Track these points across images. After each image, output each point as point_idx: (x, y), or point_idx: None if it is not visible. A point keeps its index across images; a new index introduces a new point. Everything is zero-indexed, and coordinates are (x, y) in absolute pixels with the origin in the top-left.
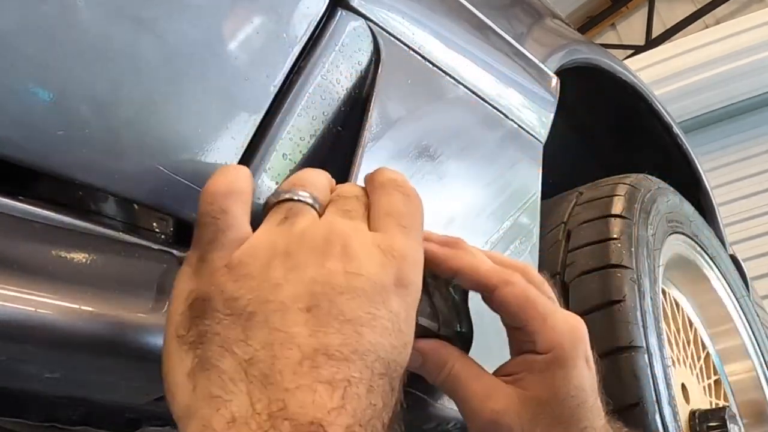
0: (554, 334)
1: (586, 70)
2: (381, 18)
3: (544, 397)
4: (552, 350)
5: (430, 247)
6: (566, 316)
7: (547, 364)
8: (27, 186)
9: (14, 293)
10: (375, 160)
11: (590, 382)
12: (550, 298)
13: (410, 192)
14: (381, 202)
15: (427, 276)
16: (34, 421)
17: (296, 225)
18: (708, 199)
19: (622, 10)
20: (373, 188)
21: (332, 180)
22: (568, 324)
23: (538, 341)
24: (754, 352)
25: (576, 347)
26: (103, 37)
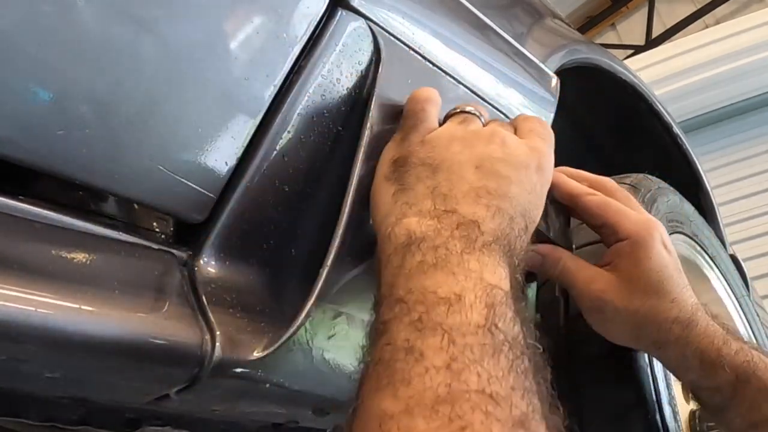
0: (631, 223)
1: (586, 70)
2: (381, 18)
3: (633, 273)
4: (632, 235)
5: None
6: (640, 213)
7: (631, 246)
8: (27, 186)
9: (14, 293)
10: (375, 160)
11: (671, 261)
12: (629, 199)
13: (543, 122)
14: (525, 124)
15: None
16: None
17: (470, 126)
18: (708, 199)
19: (622, 10)
20: (518, 120)
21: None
22: (642, 216)
23: (620, 230)
24: None
25: (651, 232)
26: (104, 37)
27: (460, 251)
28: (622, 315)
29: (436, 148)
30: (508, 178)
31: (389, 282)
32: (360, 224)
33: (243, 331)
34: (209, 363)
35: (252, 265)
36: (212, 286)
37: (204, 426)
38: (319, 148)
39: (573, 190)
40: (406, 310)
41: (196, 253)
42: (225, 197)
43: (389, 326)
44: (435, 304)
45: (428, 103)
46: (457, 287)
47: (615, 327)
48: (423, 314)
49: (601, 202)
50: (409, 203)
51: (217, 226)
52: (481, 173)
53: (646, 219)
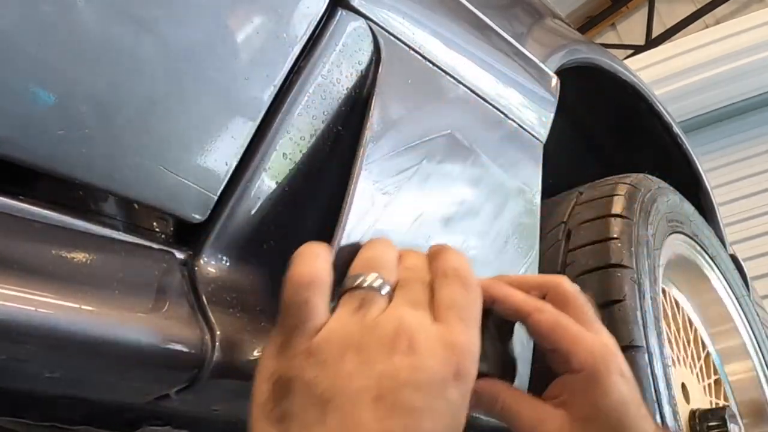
0: (586, 354)
1: (586, 70)
2: (381, 18)
3: (589, 414)
4: (586, 368)
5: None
6: (596, 336)
7: (585, 381)
8: (27, 186)
9: (14, 293)
10: (376, 160)
11: (629, 393)
12: (584, 313)
13: (470, 282)
14: (443, 294)
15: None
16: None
17: (368, 315)
18: (708, 199)
19: (622, 10)
20: (436, 274)
21: (396, 249)
22: (598, 341)
23: (572, 361)
24: (754, 352)
25: (608, 363)
26: (104, 37)
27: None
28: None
29: (326, 366)
30: (419, 411)
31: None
32: (360, 224)
33: (243, 331)
34: (209, 363)
35: (252, 265)
36: (212, 286)
37: (204, 426)
38: (319, 148)
39: (519, 306)
40: None
41: (196, 253)
42: (225, 197)
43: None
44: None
45: (312, 291)
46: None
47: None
48: None
49: (553, 323)
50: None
51: (217, 226)
52: (382, 409)
53: (602, 345)
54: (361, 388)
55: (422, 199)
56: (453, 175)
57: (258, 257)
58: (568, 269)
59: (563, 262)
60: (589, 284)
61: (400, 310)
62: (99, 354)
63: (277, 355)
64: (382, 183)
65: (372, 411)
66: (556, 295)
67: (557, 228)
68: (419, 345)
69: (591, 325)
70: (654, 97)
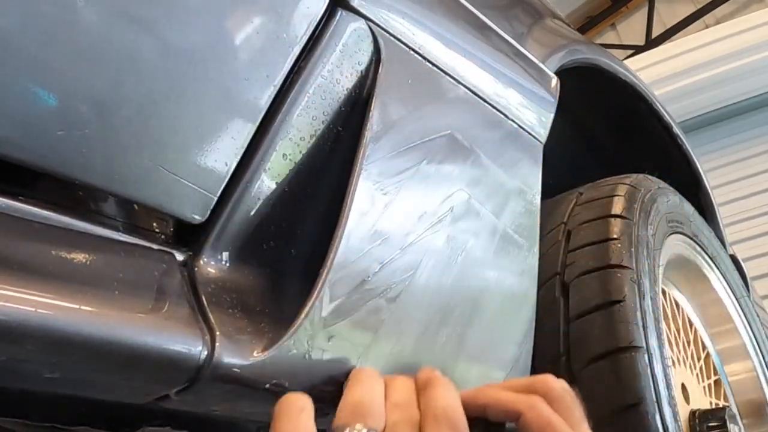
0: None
1: (586, 70)
2: (381, 18)
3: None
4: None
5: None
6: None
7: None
8: (27, 186)
9: (14, 293)
10: (376, 160)
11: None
12: (572, 415)
13: (460, 427)
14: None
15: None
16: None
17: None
18: (708, 199)
19: (622, 10)
20: (426, 414)
21: (381, 385)
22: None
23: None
24: (754, 352)
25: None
26: (104, 37)
27: None
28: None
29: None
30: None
31: None
32: (360, 225)
33: (243, 332)
34: (209, 363)
35: (252, 265)
36: (212, 287)
37: (204, 426)
38: (319, 148)
39: (511, 406)
40: None
41: (196, 253)
42: (225, 197)
43: None
44: None
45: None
46: None
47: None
48: None
49: (545, 423)
50: None
51: (217, 226)
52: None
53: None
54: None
55: (422, 200)
56: (453, 175)
57: (258, 257)
58: (568, 269)
59: (563, 263)
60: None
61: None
62: (99, 354)
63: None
64: (382, 183)
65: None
66: (545, 395)
67: (557, 228)
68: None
69: (579, 426)
70: (654, 97)
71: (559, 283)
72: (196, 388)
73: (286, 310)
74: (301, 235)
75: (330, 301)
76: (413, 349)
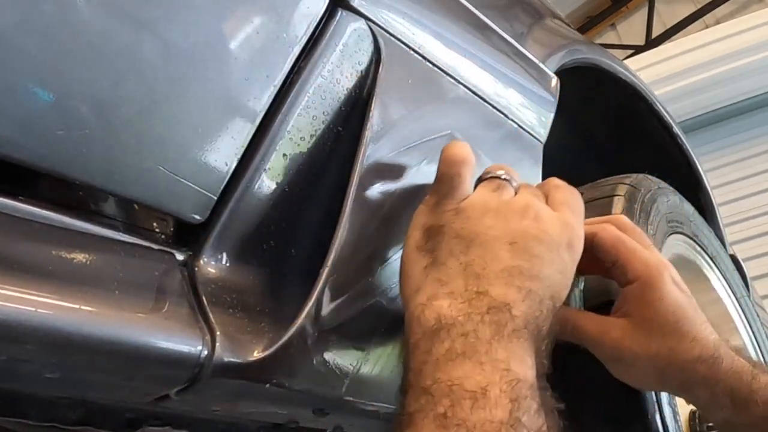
0: (641, 264)
1: (586, 70)
2: (381, 18)
3: (647, 316)
4: (641, 276)
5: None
6: (651, 253)
7: (641, 288)
8: (27, 186)
9: (14, 293)
10: (376, 160)
11: (685, 299)
12: (642, 238)
13: (575, 191)
14: (557, 195)
15: None
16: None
17: (503, 194)
18: (708, 199)
19: (622, 10)
20: (549, 187)
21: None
22: (653, 256)
23: (629, 270)
24: (754, 352)
25: (661, 272)
26: (104, 37)
27: (489, 338)
28: (643, 360)
29: (470, 220)
30: (541, 258)
31: (416, 369)
32: (360, 224)
33: (243, 332)
34: (209, 363)
35: (252, 265)
36: (212, 286)
37: (204, 426)
38: (319, 148)
39: (587, 228)
40: (432, 404)
41: (196, 253)
42: (225, 197)
43: (414, 419)
44: (461, 399)
45: (463, 167)
46: (483, 380)
47: (638, 373)
48: (448, 409)
49: (615, 238)
50: (441, 281)
51: (217, 226)
52: (514, 251)
53: (657, 260)
54: (500, 236)
55: (422, 200)
56: None
57: (258, 257)
58: None
59: None
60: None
61: (527, 196)
62: (99, 354)
63: (429, 212)
64: (382, 183)
65: (507, 251)
66: (618, 226)
67: None
68: (543, 217)
69: (646, 245)
70: (654, 97)
71: None
72: (197, 387)
73: (286, 310)
74: (301, 235)
75: (330, 301)
76: None
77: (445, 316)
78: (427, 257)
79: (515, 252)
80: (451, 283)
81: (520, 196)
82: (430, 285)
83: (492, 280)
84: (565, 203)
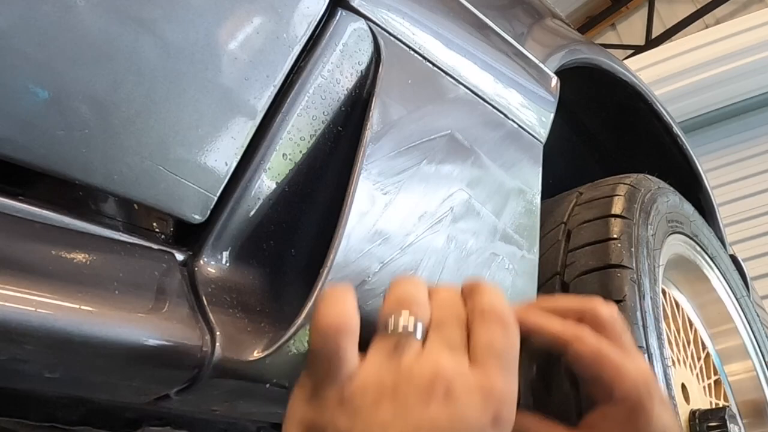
0: (629, 384)
1: (586, 70)
2: (381, 18)
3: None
4: (629, 399)
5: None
6: (637, 364)
7: (627, 413)
8: (27, 186)
9: (14, 293)
10: (376, 160)
11: (671, 421)
12: (621, 340)
13: (509, 323)
14: (481, 336)
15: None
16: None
17: (403, 361)
18: (708, 199)
19: (622, 10)
20: (473, 314)
21: (425, 286)
22: (640, 371)
23: (616, 391)
24: (754, 352)
25: (651, 392)
26: (104, 37)
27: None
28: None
29: (359, 415)
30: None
31: None
32: (360, 225)
33: (243, 332)
34: (209, 363)
35: (252, 265)
36: (212, 287)
37: (204, 426)
38: (319, 148)
39: (558, 336)
40: None
41: (196, 253)
42: (225, 197)
43: None
44: None
45: (341, 338)
46: None
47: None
48: None
49: (596, 352)
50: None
51: (217, 226)
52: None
53: (644, 376)
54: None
55: (422, 200)
56: (453, 175)
57: (258, 257)
58: (568, 269)
59: (563, 263)
60: (588, 285)
61: (436, 354)
62: (99, 354)
63: (307, 402)
64: (382, 183)
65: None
66: (593, 320)
67: (557, 228)
68: (456, 393)
69: (629, 352)
70: (654, 97)
71: (559, 283)
72: (196, 387)
73: (286, 310)
74: (301, 235)
75: None
76: None
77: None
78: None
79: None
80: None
81: (426, 356)
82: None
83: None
84: (491, 351)
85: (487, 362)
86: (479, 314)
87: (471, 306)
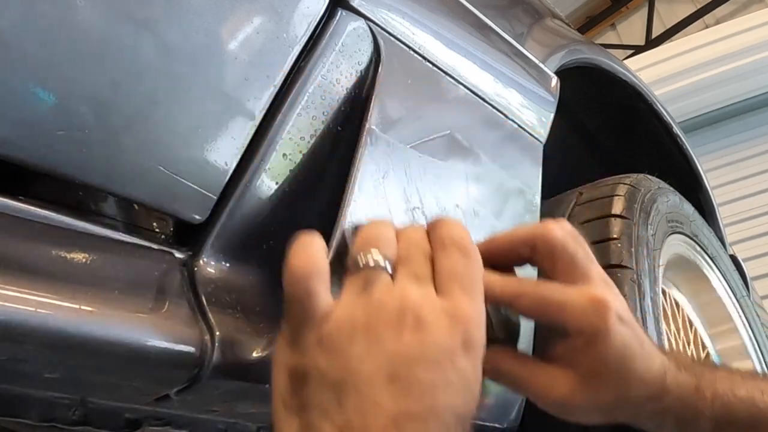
0: (577, 317)
1: (586, 70)
2: (381, 18)
3: (596, 368)
4: (582, 330)
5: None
6: (584, 290)
7: (585, 342)
8: (27, 186)
9: (14, 293)
10: (375, 161)
11: (631, 336)
12: (573, 263)
13: (469, 251)
14: (444, 265)
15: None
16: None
17: (373, 295)
18: (708, 199)
19: (622, 10)
20: (435, 245)
21: (393, 226)
22: (587, 299)
23: (569, 327)
24: (754, 352)
25: (604, 317)
26: (104, 37)
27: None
28: (592, 410)
29: (336, 353)
30: (433, 386)
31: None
32: (360, 224)
33: (243, 332)
34: (209, 363)
35: (252, 265)
36: (212, 287)
37: (204, 426)
38: (319, 148)
39: (501, 297)
40: None
41: (196, 253)
42: (225, 197)
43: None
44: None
45: (312, 281)
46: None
47: (583, 418)
48: None
49: (537, 301)
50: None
51: (217, 226)
52: (397, 391)
53: (593, 301)
54: (374, 370)
55: (422, 200)
56: (452, 175)
57: (258, 257)
58: None
59: None
60: None
61: (403, 286)
62: (99, 354)
63: (289, 348)
64: (382, 183)
65: (388, 392)
66: (544, 247)
67: None
68: (425, 320)
69: (582, 274)
70: (654, 97)
71: None
72: (196, 387)
73: None
74: None
75: None
76: None
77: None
78: (296, 419)
79: (399, 391)
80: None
81: (395, 289)
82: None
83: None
84: (455, 278)
85: (451, 288)
86: (440, 244)
87: (434, 239)
